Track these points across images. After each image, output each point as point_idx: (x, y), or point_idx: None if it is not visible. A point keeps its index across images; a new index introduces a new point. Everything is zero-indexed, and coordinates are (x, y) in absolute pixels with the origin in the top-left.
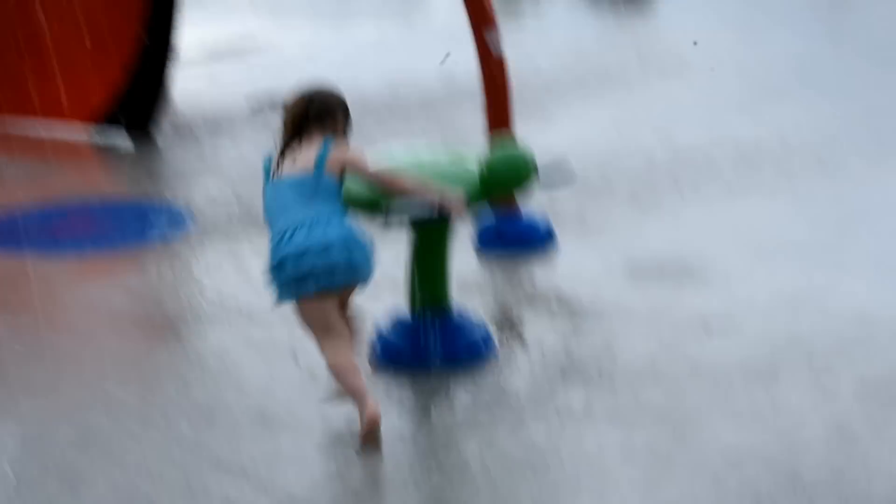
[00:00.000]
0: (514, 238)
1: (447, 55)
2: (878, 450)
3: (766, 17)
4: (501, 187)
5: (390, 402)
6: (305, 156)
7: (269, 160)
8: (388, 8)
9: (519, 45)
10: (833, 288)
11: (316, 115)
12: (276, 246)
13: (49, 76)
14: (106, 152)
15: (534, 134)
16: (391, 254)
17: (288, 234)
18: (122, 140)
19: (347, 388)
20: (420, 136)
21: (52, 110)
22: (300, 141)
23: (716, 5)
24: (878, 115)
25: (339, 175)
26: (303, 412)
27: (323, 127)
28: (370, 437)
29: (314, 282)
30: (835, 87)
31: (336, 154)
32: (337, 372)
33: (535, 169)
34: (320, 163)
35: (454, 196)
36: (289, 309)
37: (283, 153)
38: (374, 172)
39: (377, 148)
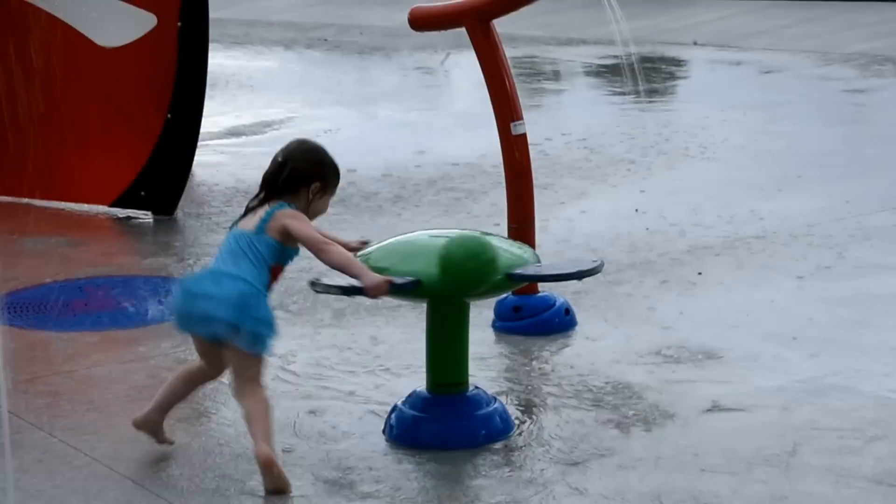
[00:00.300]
0: (533, 316)
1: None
2: None
3: (783, 104)
4: (457, 279)
5: (402, 479)
6: (258, 215)
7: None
8: (412, 93)
9: (539, 126)
10: (852, 373)
11: (286, 181)
12: (185, 282)
13: (75, 162)
14: (126, 227)
15: (555, 215)
16: (413, 330)
17: (198, 275)
18: (142, 215)
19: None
20: (440, 215)
21: (77, 195)
22: (266, 201)
23: (735, 91)
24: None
25: (281, 239)
26: (318, 490)
27: (294, 194)
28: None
29: (184, 324)
30: (853, 174)
31: (278, 218)
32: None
33: (493, 264)
34: (261, 224)
35: (375, 279)
36: (311, 382)
37: (249, 209)
38: (307, 240)
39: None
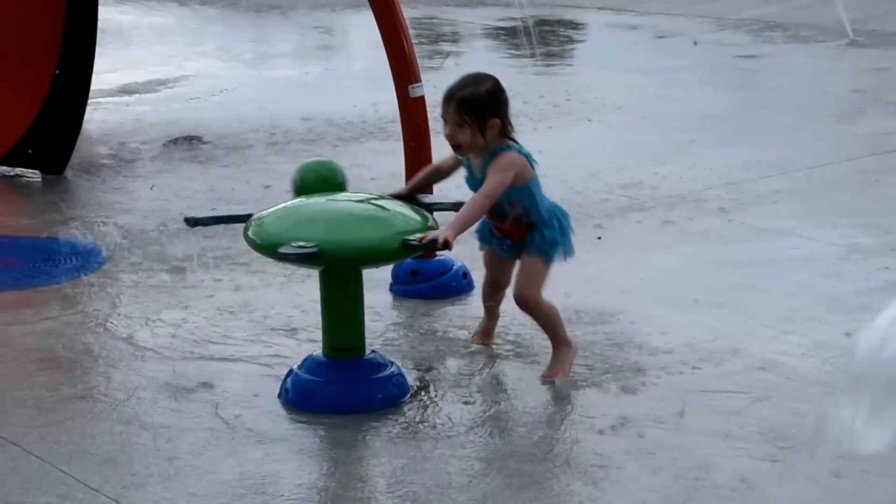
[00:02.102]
0: (430, 279)
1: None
2: (777, 497)
3: (678, 69)
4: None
5: (298, 443)
6: None
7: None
8: (310, 53)
9: (438, 89)
10: (740, 336)
11: None
12: None
13: None
14: (13, 186)
15: (453, 180)
16: (314, 294)
17: None
18: (30, 173)
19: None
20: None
21: None
22: None
23: (631, 55)
24: (786, 166)
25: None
26: (211, 456)
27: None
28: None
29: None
30: (744, 139)
31: None
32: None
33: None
34: None
35: None
36: (206, 345)
37: None
38: None
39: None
